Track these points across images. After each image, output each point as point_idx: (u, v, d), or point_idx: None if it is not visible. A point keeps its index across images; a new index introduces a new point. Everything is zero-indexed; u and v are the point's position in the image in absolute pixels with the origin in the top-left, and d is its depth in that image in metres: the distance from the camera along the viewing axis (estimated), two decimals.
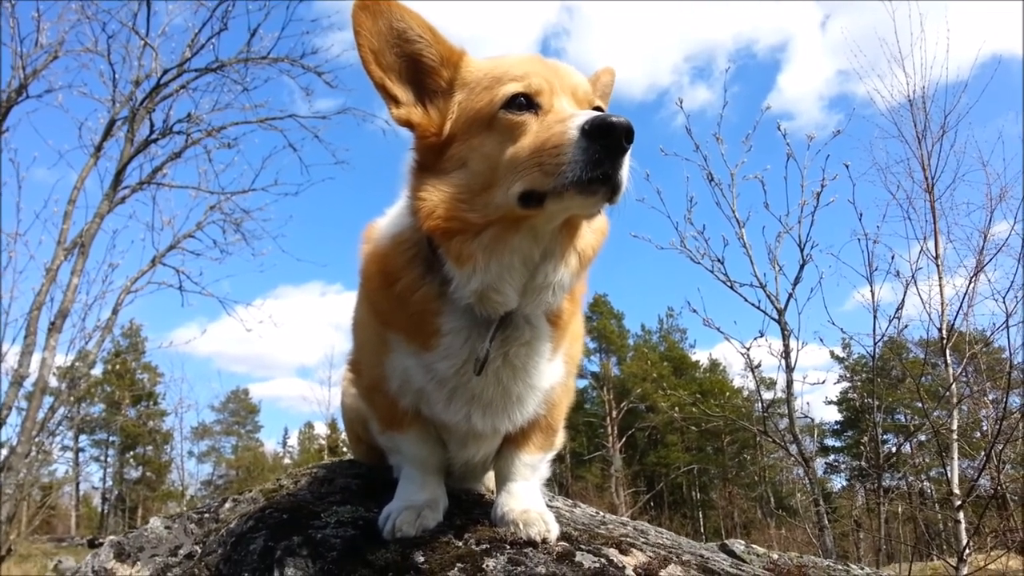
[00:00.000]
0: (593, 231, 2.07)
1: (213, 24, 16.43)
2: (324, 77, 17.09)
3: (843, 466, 55.97)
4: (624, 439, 53.03)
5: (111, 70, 16.40)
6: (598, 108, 1.99)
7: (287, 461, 66.70)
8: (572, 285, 2.07)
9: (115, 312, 17.10)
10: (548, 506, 2.45)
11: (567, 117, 1.79)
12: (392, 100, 2.05)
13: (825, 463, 55.25)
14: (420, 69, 2.05)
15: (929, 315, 9.85)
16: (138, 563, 2.60)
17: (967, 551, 8.21)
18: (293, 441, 72.42)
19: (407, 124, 2.06)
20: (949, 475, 9.32)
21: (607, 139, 1.71)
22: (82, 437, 55.04)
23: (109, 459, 62.10)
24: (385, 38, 1.99)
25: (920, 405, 9.66)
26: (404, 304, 2.09)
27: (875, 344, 9.03)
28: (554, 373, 2.27)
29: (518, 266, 1.95)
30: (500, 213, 1.86)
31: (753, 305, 8.97)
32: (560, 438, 2.63)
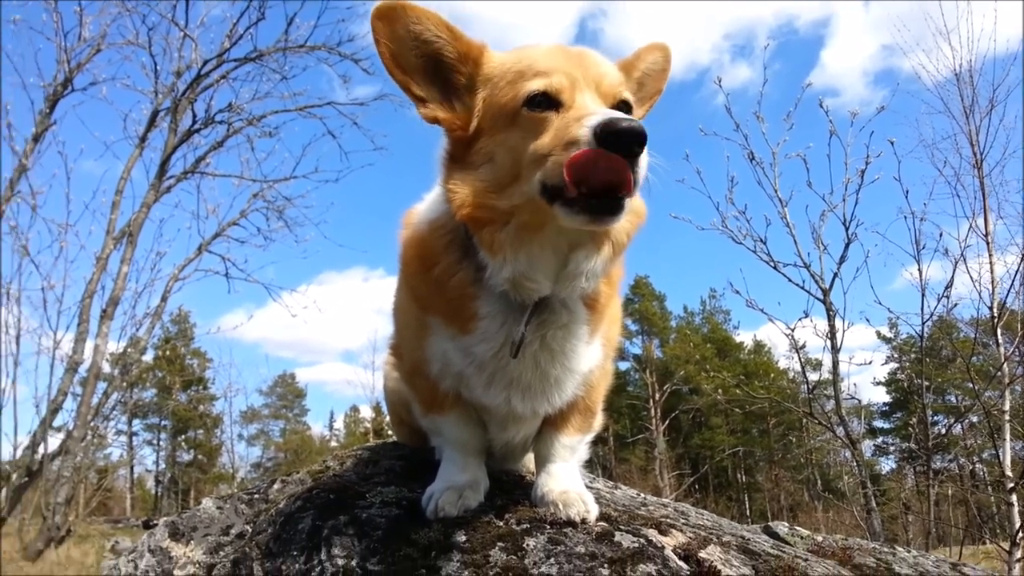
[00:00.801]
0: (628, 215, 2.04)
1: (251, 14, 16.70)
2: (361, 64, 17.26)
3: (892, 448, 55.18)
4: (668, 421, 52.82)
5: (152, 62, 16.77)
6: (623, 102, 1.99)
7: (333, 444, 67.73)
8: (605, 271, 2.08)
9: (164, 299, 17.55)
10: (588, 487, 2.47)
11: (584, 116, 1.79)
12: (418, 100, 2.08)
13: (873, 445, 54.62)
14: (443, 66, 2.07)
15: (979, 293, 9.61)
16: (192, 542, 2.69)
17: (1021, 535, 8.05)
18: (339, 424, 73.52)
19: (434, 122, 2.09)
20: (1001, 457, 9.13)
21: (616, 145, 1.71)
22: (135, 421, 56.63)
23: (161, 443, 63.76)
24: (404, 42, 2.01)
25: (971, 386, 9.45)
26: (442, 288, 2.12)
27: (923, 324, 8.86)
28: (592, 356, 2.29)
29: (548, 255, 1.97)
30: (525, 201, 1.88)
31: (797, 285, 8.86)
32: (599, 420, 2.65)
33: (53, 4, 15.84)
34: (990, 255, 9.97)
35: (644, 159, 1.76)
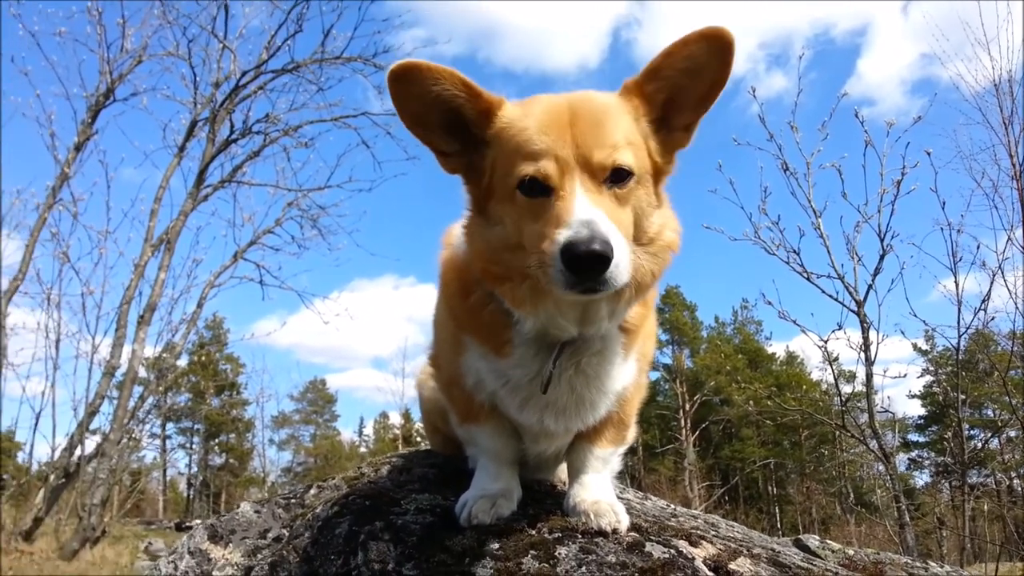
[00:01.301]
0: (653, 255, 2.04)
1: (288, 26, 16.99)
2: None
3: (927, 462, 54.28)
4: (698, 432, 52.36)
5: (192, 73, 17.10)
6: (618, 170, 1.91)
7: (363, 450, 68.05)
8: (628, 310, 2.11)
9: (200, 306, 17.86)
10: (619, 498, 2.50)
11: (562, 223, 1.78)
12: (439, 153, 2.11)
13: (907, 459, 53.71)
14: (464, 120, 2.06)
15: (1017, 306, 9.49)
16: (230, 545, 2.75)
17: None
18: (368, 430, 73.90)
19: (454, 173, 2.13)
20: None
21: (578, 269, 1.72)
22: (169, 425, 57.32)
23: (194, 446, 64.37)
24: (423, 100, 2.00)
25: (1008, 399, 9.32)
26: (477, 314, 2.17)
27: (959, 336, 8.77)
28: (627, 374, 2.32)
29: (568, 305, 2.00)
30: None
31: (831, 297, 8.80)
32: (632, 432, 2.66)
33: (97, 16, 16.24)
34: None
35: (615, 266, 1.74)
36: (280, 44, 17.06)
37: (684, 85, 2.04)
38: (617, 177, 1.92)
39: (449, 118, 2.05)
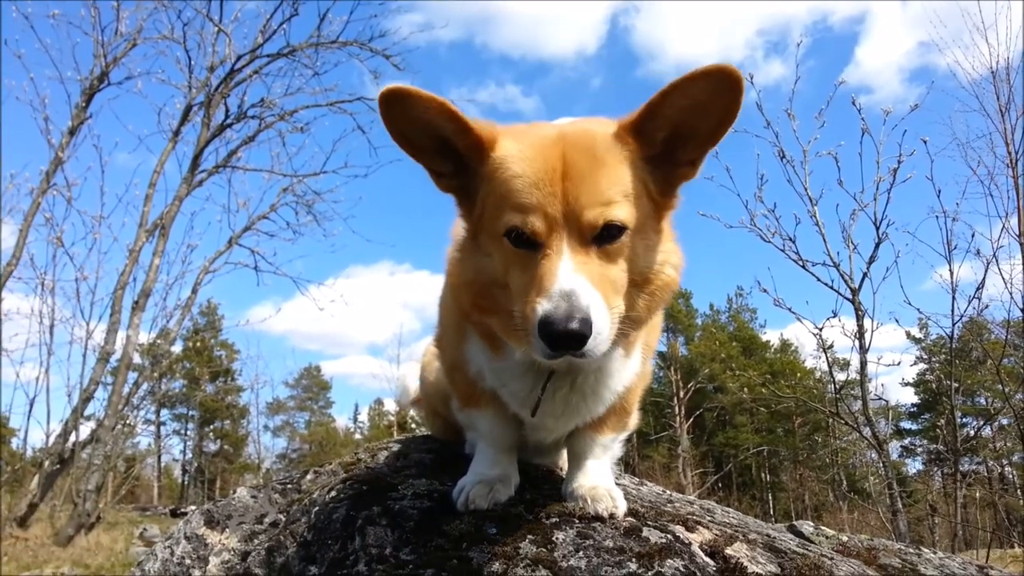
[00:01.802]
0: (649, 296, 2.01)
1: (284, 9, 16.90)
2: (392, 60, 17.34)
3: (919, 450, 54.62)
4: (692, 419, 52.57)
5: (187, 57, 17.01)
6: (610, 227, 1.83)
7: (358, 436, 68.15)
8: (622, 342, 2.05)
9: (194, 291, 17.83)
10: (616, 484, 2.50)
11: (541, 289, 1.74)
12: (434, 173, 2.06)
13: (900, 446, 54.05)
14: (456, 148, 1.99)
15: (1011, 295, 9.53)
16: (227, 530, 2.75)
17: None
18: (363, 417, 74.05)
19: (448, 193, 2.09)
20: None
21: (555, 346, 1.71)
22: (163, 411, 57.32)
23: (189, 432, 64.50)
24: (413, 125, 1.94)
25: (1001, 388, 9.35)
26: (478, 323, 2.17)
27: (953, 325, 8.80)
28: (628, 375, 2.30)
29: None
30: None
31: (826, 284, 8.82)
32: (634, 419, 2.64)
33: None
34: (1023, 256, 9.86)
35: (595, 338, 1.72)
36: (276, 28, 17.00)
37: (687, 123, 1.91)
38: (608, 235, 1.84)
39: (440, 143, 1.99)
